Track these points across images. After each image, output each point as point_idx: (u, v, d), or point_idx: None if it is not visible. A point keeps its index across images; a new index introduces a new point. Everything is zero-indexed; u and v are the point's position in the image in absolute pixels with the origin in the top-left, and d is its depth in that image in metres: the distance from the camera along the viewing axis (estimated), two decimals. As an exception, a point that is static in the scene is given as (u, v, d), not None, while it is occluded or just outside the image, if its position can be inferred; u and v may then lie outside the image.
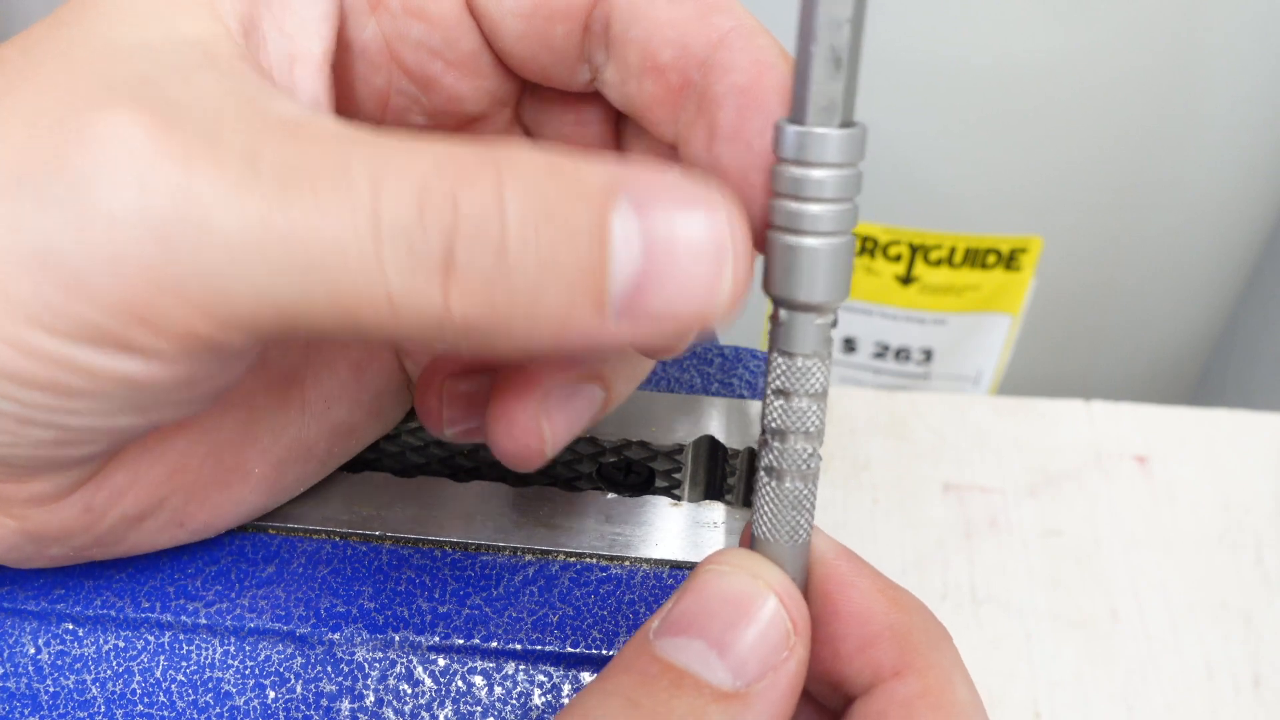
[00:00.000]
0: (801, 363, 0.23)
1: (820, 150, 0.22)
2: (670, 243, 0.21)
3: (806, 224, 0.22)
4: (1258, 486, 0.58)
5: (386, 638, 0.29)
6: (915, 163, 0.71)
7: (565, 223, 0.20)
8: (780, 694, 0.22)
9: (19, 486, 0.25)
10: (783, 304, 0.23)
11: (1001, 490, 0.57)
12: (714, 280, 0.21)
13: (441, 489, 0.33)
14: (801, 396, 0.23)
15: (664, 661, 0.22)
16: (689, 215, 0.21)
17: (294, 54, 0.26)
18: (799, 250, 0.22)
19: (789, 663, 0.22)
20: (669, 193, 0.21)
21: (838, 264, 0.23)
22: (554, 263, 0.20)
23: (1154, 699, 0.51)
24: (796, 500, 0.24)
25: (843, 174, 0.22)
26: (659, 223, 0.21)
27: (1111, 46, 0.65)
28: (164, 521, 0.28)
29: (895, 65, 0.66)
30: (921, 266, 0.75)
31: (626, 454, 0.35)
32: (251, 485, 0.30)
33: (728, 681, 0.22)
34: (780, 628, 0.22)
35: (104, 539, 0.27)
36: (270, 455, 0.30)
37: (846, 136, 0.22)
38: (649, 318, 0.21)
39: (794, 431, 0.24)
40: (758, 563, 0.24)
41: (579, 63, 0.28)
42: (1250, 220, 0.79)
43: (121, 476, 0.27)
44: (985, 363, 0.81)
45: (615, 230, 0.20)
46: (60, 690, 0.29)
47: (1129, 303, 0.80)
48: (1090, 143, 0.70)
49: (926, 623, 0.24)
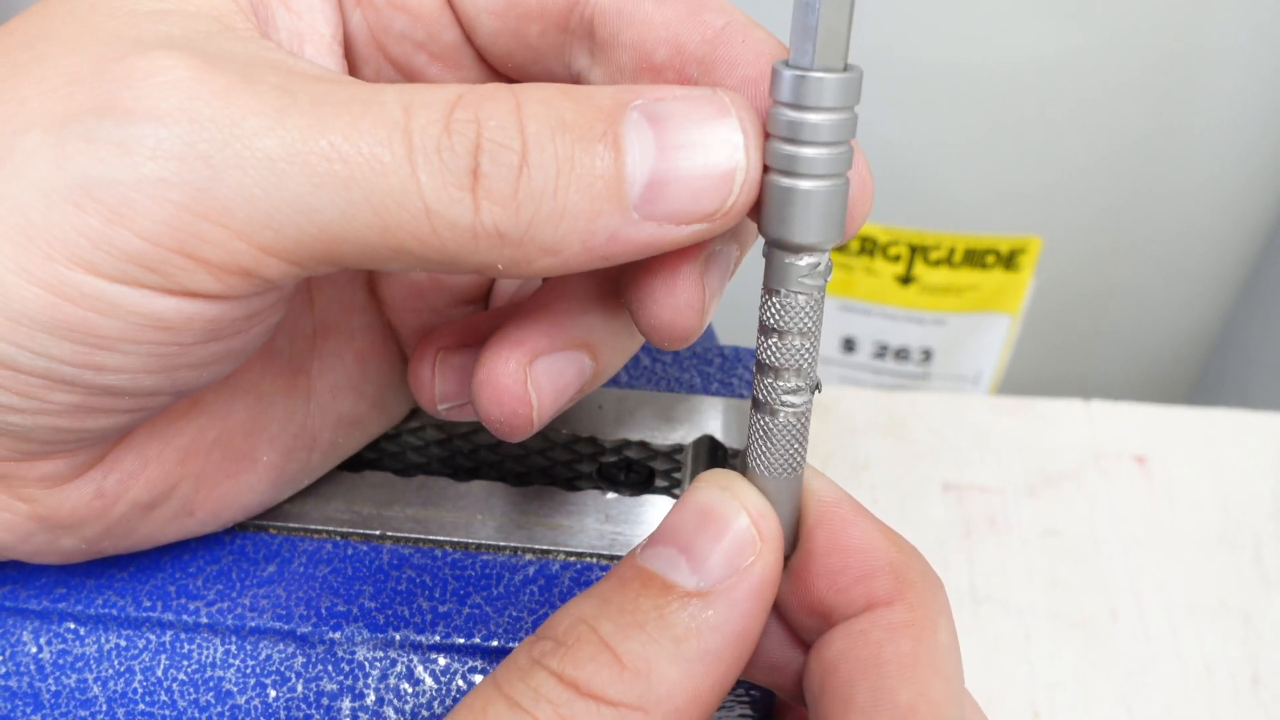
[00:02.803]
0: (793, 300, 0.24)
1: (817, 94, 0.22)
2: (680, 142, 0.22)
3: (802, 166, 0.23)
4: (1256, 486, 0.58)
5: (387, 637, 0.29)
6: (915, 163, 0.71)
7: (580, 131, 0.22)
8: (743, 594, 0.23)
9: (30, 465, 0.25)
10: (777, 244, 0.24)
11: (1001, 490, 0.57)
12: (726, 172, 0.22)
13: (441, 489, 0.33)
14: (793, 334, 0.24)
15: (639, 567, 0.24)
16: (698, 115, 0.22)
17: (302, 33, 0.26)
18: (794, 192, 0.23)
19: (754, 568, 0.23)
20: (677, 98, 0.23)
21: (833, 206, 0.23)
22: (572, 168, 0.22)
23: (1153, 698, 0.51)
24: (787, 434, 0.25)
25: (839, 118, 0.22)
26: (668, 126, 0.22)
27: (1111, 48, 0.65)
28: (174, 510, 0.28)
29: (895, 67, 0.66)
30: (921, 267, 0.75)
31: (626, 454, 0.35)
32: (259, 473, 0.30)
33: (692, 582, 0.23)
34: (745, 535, 0.24)
35: (115, 528, 0.27)
36: (278, 443, 0.30)
37: (843, 80, 0.22)
38: (669, 214, 0.22)
39: (785, 368, 0.24)
40: (732, 479, 0.25)
41: (556, 62, 0.28)
42: (1249, 220, 0.79)
43: (131, 460, 0.27)
44: (985, 363, 0.81)
45: (627, 135, 0.22)
46: (62, 689, 0.29)
47: (1128, 303, 0.80)
48: (1089, 143, 0.70)
49: (924, 568, 0.25)
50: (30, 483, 0.25)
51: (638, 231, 0.22)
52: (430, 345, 0.29)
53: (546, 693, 0.22)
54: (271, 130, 0.21)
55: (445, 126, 0.22)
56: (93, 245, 0.21)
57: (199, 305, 0.22)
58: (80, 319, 0.22)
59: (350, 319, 0.31)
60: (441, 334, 0.29)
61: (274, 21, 0.26)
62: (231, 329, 0.24)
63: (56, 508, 0.26)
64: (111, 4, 0.24)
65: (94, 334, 0.22)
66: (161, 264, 0.21)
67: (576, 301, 0.27)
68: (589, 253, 0.22)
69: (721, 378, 0.37)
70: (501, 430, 0.27)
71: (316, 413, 0.31)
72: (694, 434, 0.35)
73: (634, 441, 0.35)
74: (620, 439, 0.35)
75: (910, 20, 0.64)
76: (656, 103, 0.22)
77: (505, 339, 0.27)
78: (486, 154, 0.21)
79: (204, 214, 0.21)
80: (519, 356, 0.27)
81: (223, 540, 0.31)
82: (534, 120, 0.22)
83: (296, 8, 0.26)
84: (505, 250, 0.22)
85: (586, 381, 0.28)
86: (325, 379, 0.31)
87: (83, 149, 0.21)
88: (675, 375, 0.37)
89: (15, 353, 0.22)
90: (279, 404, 0.30)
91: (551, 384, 0.27)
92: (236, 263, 0.22)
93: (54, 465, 0.25)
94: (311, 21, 0.26)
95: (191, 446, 0.28)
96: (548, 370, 0.27)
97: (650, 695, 0.22)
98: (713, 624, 0.23)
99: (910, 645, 0.23)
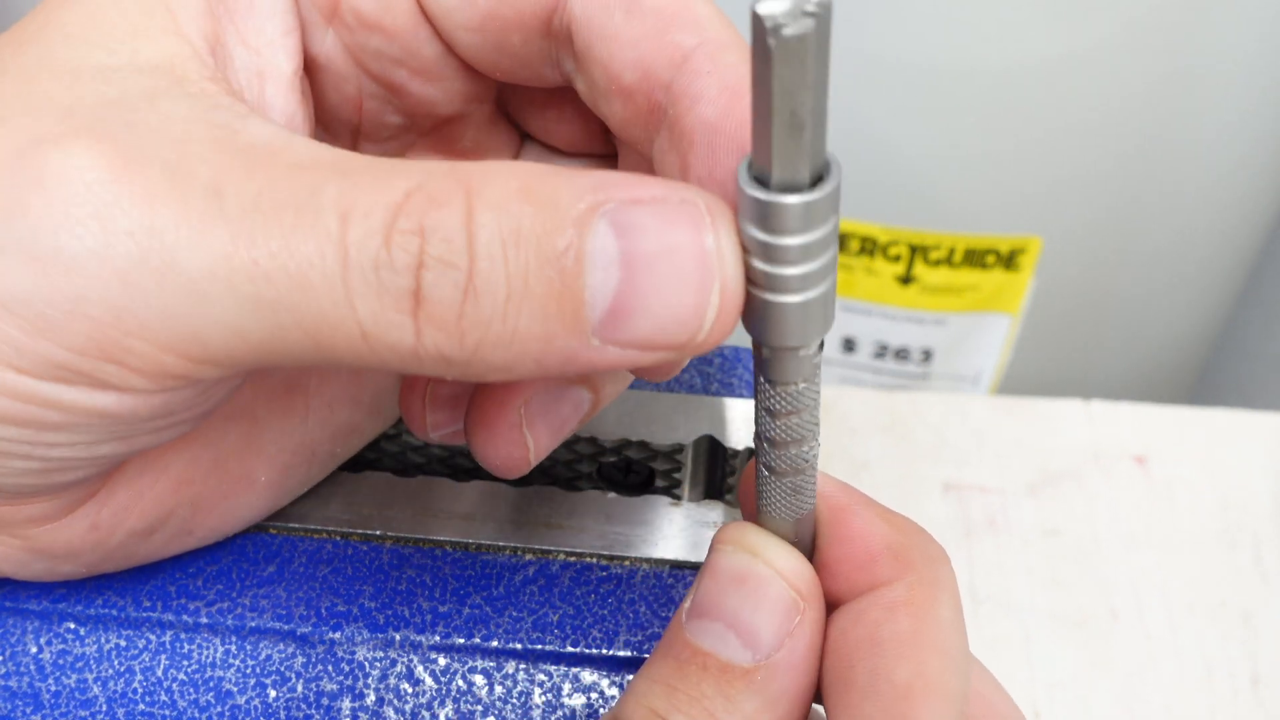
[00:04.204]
0: (789, 389, 0.22)
1: (783, 220, 0.20)
2: (650, 262, 0.20)
3: (778, 285, 0.20)
4: (1256, 486, 0.58)
5: (387, 637, 0.29)
6: (915, 164, 0.71)
7: (538, 248, 0.19)
8: (799, 658, 0.23)
9: (17, 509, 0.25)
10: (764, 345, 0.22)
11: (1001, 490, 0.57)
12: (700, 300, 0.20)
13: (441, 489, 0.33)
14: (796, 414, 0.23)
15: (693, 646, 0.23)
16: (671, 233, 0.20)
17: (262, 70, 0.25)
18: (774, 306, 0.21)
19: (802, 628, 0.23)
20: (650, 210, 0.20)
21: (816, 312, 0.21)
22: (526, 289, 0.19)
23: (1153, 698, 0.51)
24: (796, 490, 0.24)
25: (811, 238, 0.20)
26: (638, 242, 0.20)
27: (1111, 49, 0.65)
28: (172, 532, 0.28)
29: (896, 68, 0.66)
30: (921, 266, 0.75)
31: (626, 454, 0.35)
32: (257, 492, 0.29)
33: (747, 658, 0.23)
34: (785, 599, 0.24)
35: (114, 554, 0.27)
36: (275, 462, 0.30)
37: (820, 200, 0.19)
38: (633, 341, 0.20)
39: (792, 440, 0.24)
40: (756, 539, 0.24)
41: (545, 66, 0.27)
42: (1249, 221, 0.79)
43: (125, 493, 0.26)
44: (985, 363, 0.81)
45: (591, 252, 0.20)
46: (62, 689, 0.29)
47: (1128, 303, 0.80)
48: (1089, 143, 0.70)
49: (926, 545, 0.25)
50: (20, 523, 0.25)
51: (599, 356, 0.20)
52: (418, 377, 0.28)
53: None
54: (194, 245, 0.20)
55: (385, 239, 0.19)
56: (18, 354, 0.20)
57: (140, 398, 0.21)
58: (21, 411, 0.21)
59: None
60: None
61: (231, 61, 0.25)
62: (184, 405, 0.23)
63: (51, 543, 0.26)
64: (57, 60, 0.22)
65: (40, 422, 0.22)
66: (91, 370, 0.21)
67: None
68: (545, 371, 0.20)
69: (721, 378, 0.37)
70: (498, 471, 0.26)
71: (315, 428, 0.30)
72: (694, 434, 0.35)
73: (634, 441, 0.35)
74: (620, 439, 0.35)
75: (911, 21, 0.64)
76: (630, 207, 0.20)
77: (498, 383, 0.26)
78: (430, 271, 0.19)
79: (125, 330, 0.20)
80: (512, 399, 0.26)
81: (223, 541, 0.31)
82: (485, 229, 0.19)
83: (255, 44, 0.25)
84: (452, 369, 0.20)
85: (585, 415, 0.27)
86: (322, 394, 0.30)
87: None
88: (675, 375, 0.37)
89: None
90: (275, 425, 0.29)
91: (548, 424, 0.26)
92: (165, 371, 0.21)
93: (42, 507, 0.25)
94: (271, 58, 0.25)
95: (185, 475, 0.27)
96: (543, 409, 0.26)
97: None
98: (776, 695, 0.23)
99: (909, 623, 0.23)
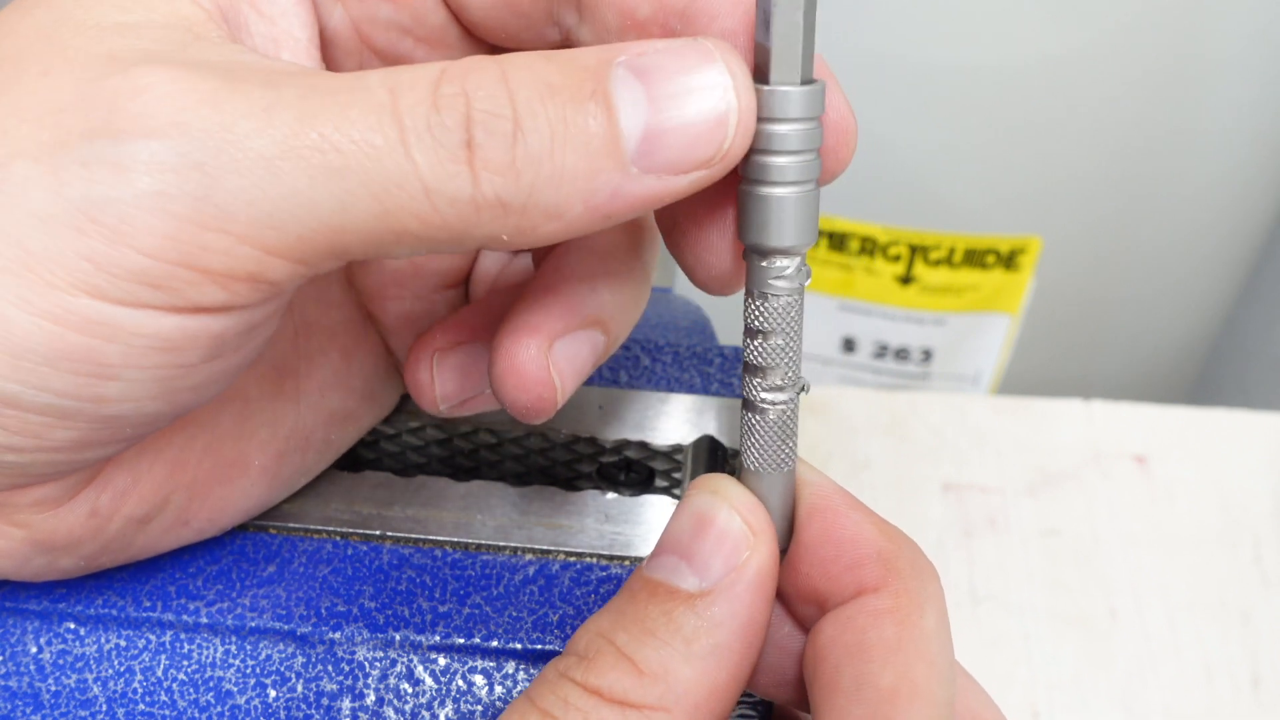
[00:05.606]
0: (774, 302, 0.24)
1: (784, 107, 0.23)
2: (671, 91, 0.22)
3: (774, 175, 0.24)
4: (1256, 486, 0.58)
5: (387, 637, 0.29)
6: (915, 164, 0.71)
7: (570, 93, 0.22)
8: (743, 587, 0.24)
9: (23, 493, 0.25)
10: (753, 249, 0.24)
11: (1001, 490, 0.57)
12: (720, 115, 0.22)
13: (441, 489, 0.33)
14: (775, 335, 0.25)
15: (645, 578, 0.25)
16: (686, 64, 0.22)
17: (278, 38, 0.26)
18: (768, 199, 0.24)
19: (750, 560, 0.25)
20: (663, 51, 0.23)
21: (805, 211, 0.24)
22: (567, 129, 0.22)
23: (1152, 698, 0.51)
24: (775, 431, 0.25)
25: (806, 128, 0.23)
26: (657, 77, 0.22)
27: (1111, 48, 0.65)
28: (169, 521, 0.28)
29: (896, 67, 0.66)
30: (921, 267, 0.75)
31: (626, 454, 0.35)
32: (252, 478, 0.30)
33: (694, 584, 0.24)
34: (738, 532, 0.25)
35: (112, 544, 0.27)
36: (269, 447, 0.30)
37: (808, 93, 0.23)
38: (667, 164, 0.22)
39: (769, 367, 0.25)
40: (721, 482, 0.26)
41: (547, 25, 0.28)
42: (1249, 221, 0.79)
43: (123, 477, 0.27)
44: (984, 363, 0.81)
45: (616, 91, 0.22)
46: (62, 689, 0.29)
47: (1128, 302, 0.80)
48: (1089, 143, 0.70)
49: (915, 556, 0.25)
50: (24, 509, 0.25)
51: (639, 186, 0.22)
52: (424, 348, 0.30)
53: (575, 701, 0.23)
54: (262, 130, 0.21)
55: (433, 103, 0.22)
56: (96, 268, 0.21)
57: (203, 321, 0.22)
58: (84, 347, 0.22)
59: (330, 315, 0.31)
60: (433, 335, 0.30)
61: (246, 28, 0.26)
62: (233, 344, 0.24)
63: (53, 531, 0.26)
64: (75, 19, 0.23)
65: (98, 362, 0.22)
66: (166, 279, 0.21)
67: (584, 280, 0.28)
68: (592, 213, 0.22)
69: (721, 378, 0.37)
70: (527, 415, 0.27)
71: (307, 412, 0.31)
72: (694, 434, 0.35)
73: (634, 441, 0.35)
74: (620, 439, 0.35)
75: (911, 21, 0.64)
76: (640, 57, 0.23)
77: (521, 326, 0.27)
78: (479, 125, 0.21)
79: (205, 223, 0.21)
80: (538, 342, 0.27)
81: (223, 540, 0.31)
82: (522, 86, 0.22)
83: (269, 13, 0.26)
84: (509, 219, 0.22)
85: (600, 355, 0.29)
86: (313, 378, 0.31)
87: (79, 173, 0.21)
88: (675, 375, 0.37)
89: (18, 390, 0.22)
90: (267, 408, 0.30)
91: (571, 365, 0.28)
92: (242, 268, 0.22)
93: (47, 490, 0.25)
94: (286, 26, 0.26)
95: (180, 457, 0.28)
96: (566, 352, 0.27)
97: (670, 695, 0.23)
98: (718, 620, 0.24)
99: (894, 630, 0.24)
